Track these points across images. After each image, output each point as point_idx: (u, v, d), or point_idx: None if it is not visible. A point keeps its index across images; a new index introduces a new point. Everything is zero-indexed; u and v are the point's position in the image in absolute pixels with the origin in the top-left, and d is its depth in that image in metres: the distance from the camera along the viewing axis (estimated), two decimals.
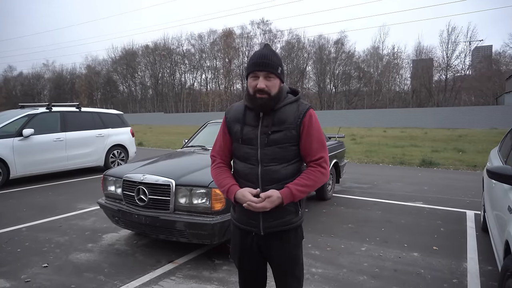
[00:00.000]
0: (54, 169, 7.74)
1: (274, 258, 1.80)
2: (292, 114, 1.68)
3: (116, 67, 65.95)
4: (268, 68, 1.62)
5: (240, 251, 1.85)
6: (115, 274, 3.23)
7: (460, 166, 9.44)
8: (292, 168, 1.70)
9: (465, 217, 4.92)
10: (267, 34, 56.40)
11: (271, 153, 1.67)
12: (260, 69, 1.63)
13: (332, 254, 3.65)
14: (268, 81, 1.63)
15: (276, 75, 1.65)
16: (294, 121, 1.67)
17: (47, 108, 7.75)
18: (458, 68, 49.88)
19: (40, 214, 5.19)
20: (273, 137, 1.66)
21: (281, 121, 1.67)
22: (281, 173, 1.67)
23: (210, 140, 5.02)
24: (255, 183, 1.70)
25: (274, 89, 1.65)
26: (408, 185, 7.10)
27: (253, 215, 1.72)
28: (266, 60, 1.62)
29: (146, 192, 3.38)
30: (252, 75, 1.66)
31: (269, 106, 1.66)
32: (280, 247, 1.76)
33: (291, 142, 1.68)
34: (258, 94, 1.63)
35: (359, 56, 54.76)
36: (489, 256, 3.53)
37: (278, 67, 1.65)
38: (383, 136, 19.85)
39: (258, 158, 1.69)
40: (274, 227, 1.72)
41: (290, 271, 1.80)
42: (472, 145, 13.86)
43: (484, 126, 26.61)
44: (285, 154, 1.68)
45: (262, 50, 1.67)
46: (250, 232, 1.77)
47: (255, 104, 1.66)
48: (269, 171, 1.67)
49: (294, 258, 1.79)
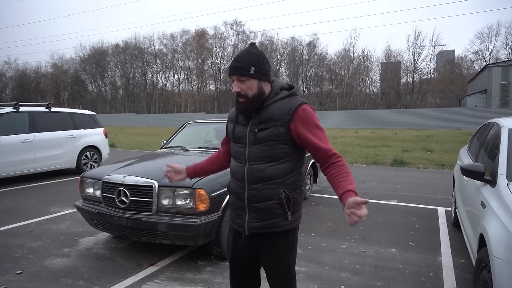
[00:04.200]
0: (23, 171, 7.38)
1: (262, 261, 1.78)
2: (280, 111, 1.62)
3: (85, 66, 63.74)
4: (237, 71, 1.60)
5: (232, 252, 1.84)
6: (95, 279, 3.14)
7: (429, 165, 9.85)
8: (281, 167, 1.63)
9: (437, 214, 5.14)
10: (240, 35, 56.54)
11: (258, 151, 1.64)
12: (231, 73, 1.63)
13: (314, 253, 3.71)
14: (242, 83, 1.61)
15: (250, 76, 1.59)
16: (282, 118, 1.61)
17: (14, 108, 7.37)
18: (424, 71, 52.17)
19: (9, 218, 4.94)
20: (260, 135, 1.63)
21: (268, 119, 1.63)
22: (267, 172, 1.63)
23: (189, 141, 5.00)
24: (241, 181, 1.69)
25: (250, 90, 1.61)
26: (382, 184, 7.33)
27: (240, 214, 1.72)
28: (236, 64, 1.60)
29: (127, 194, 3.30)
30: (231, 79, 1.67)
31: (249, 108, 1.64)
32: (269, 251, 1.72)
33: (279, 140, 1.62)
34: (239, 98, 1.64)
35: (331, 58, 56.16)
36: (461, 250, 3.72)
37: (249, 68, 1.58)
38: (355, 136, 20.36)
39: (245, 156, 1.68)
40: (259, 229, 1.68)
41: (279, 276, 1.75)
42: (439, 145, 14.50)
43: (449, 126, 27.92)
44: (272, 152, 1.63)
45: (239, 53, 1.65)
46: (241, 233, 1.76)
47: (238, 107, 1.68)
48: (255, 169, 1.65)
49: (283, 263, 1.73)
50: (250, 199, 1.68)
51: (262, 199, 1.65)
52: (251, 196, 1.67)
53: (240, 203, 1.73)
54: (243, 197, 1.69)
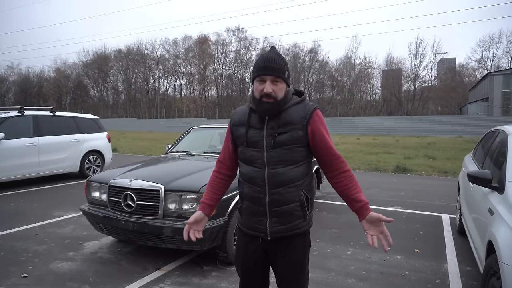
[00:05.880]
0: (27, 175, 7.39)
1: (279, 265, 1.76)
2: (298, 115, 1.65)
3: (87, 71, 64.06)
4: (275, 72, 1.60)
5: (244, 258, 1.80)
6: (101, 283, 3.13)
7: (432, 172, 9.84)
8: (300, 170, 1.67)
9: (441, 221, 5.13)
10: (243, 42, 56.83)
11: (278, 155, 1.64)
12: (267, 73, 1.61)
13: (319, 259, 3.70)
14: (275, 85, 1.62)
15: (283, 79, 1.63)
16: (300, 122, 1.64)
17: (19, 112, 7.41)
18: (425, 79, 52.32)
19: (14, 222, 4.94)
20: (279, 139, 1.64)
21: (287, 122, 1.64)
22: (288, 175, 1.64)
23: (194, 146, 5.02)
24: (261, 186, 1.67)
25: (280, 93, 1.63)
26: (385, 191, 7.32)
27: (261, 219, 1.70)
28: (273, 64, 1.60)
29: (133, 198, 3.31)
30: (259, 79, 1.64)
31: (275, 110, 1.64)
32: (286, 254, 1.72)
33: (298, 144, 1.65)
34: (264, 99, 1.62)
35: (332, 65, 56.32)
36: (467, 257, 3.70)
37: (285, 72, 1.64)
38: (357, 143, 20.36)
39: (264, 161, 1.66)
40: (281, 232, 1.68)
41: (295, 278, 1.75)
42: (441, 152, 14.49)
43: (450, 134, 27.91)
44: (292, 156, 1.65)
45: (269, 54, 1.65)
46: (256, 238, 1.73)
47: (261, 108, 1.64)
48: (276, 173, 1.64)
49: (300, 265, 1.75)
50: (271, 203, 1.67)
51: (284, 202, 1.66)
52: (273, 201, 1.66)
53: (260, 208, 1.69)
54: (264, 202, 1.67)
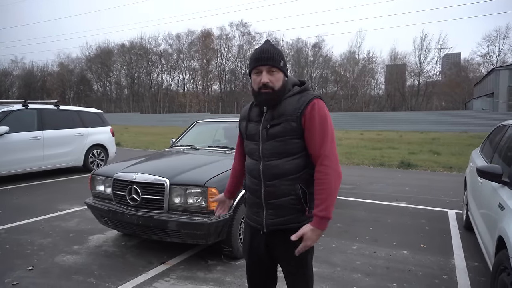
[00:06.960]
0: (31, 169, 7.41)
1: (280, 258, 1.76)
2: (291, 106, 1.63)
3: (90, 65, 63.95)
4: (270, 61, 1.62)
5: (249, 249, 1.83)
6: (106, 276, 3.13)
7: (437, 168, 9.77)
8: (296, 162, 1.63)
9: (447, 216, 5.09)
10: (246, 36, 56.52)
11: (271, 147, 1.65)
12: (262, 63, 1.62)
13: (324, 253, 3.68)
14: (272, 75, 1.63)
15: (279, 68, 1.64)
16: (294, 113, 1.62)
17: (23, 105, 7.41)
18: (429, 74, 51.83)
19: (19, 215, 4.95)
20: (272, 131, 1.64)
21: (280, 114, 1.64)
22: (282, 168, 1.63)
23: (199, 140, 4.99)
24: (258, 178, 1.69)
25: (277, 83, 1.64)
26: (390, 186, 7.27)
27: (258, 211, 1.72)
28: (267, 55, 1.61)
29: (138, 192, 3.29)
30: (255, 71, 1.65)
31: (273, 100, 1.65)
32: (285, 247, 1.69)
33: (292, 135, 1.62)
34: (262, 89, 1.63)
35: (336, 60, 55.88)
36: (474, 253, 3.67)
37: (280, 60, 1.64)
38: (361, 138, 20.26)
39: (260, 153, 1.68)
40: (276, 225, 1.67)
41: (297, 273, 1.74)
42: (446, 148, 14.39)
43: (455, 129, 27.69)
44: (286, 148, 1.63)
45: (263, 46, 1.67)
46: (258, 230, 1.75)
47: (260, 99, 1.67)
48: (270, 166, 1.65)
49: (301, 259, 1.71)
50: (266, 195, 1.68)
51: (279, 195, 1.65)
52: (268, 193, 1.67)
53: (257, 200, 1.72)
54: (260, 194, 1.69)
